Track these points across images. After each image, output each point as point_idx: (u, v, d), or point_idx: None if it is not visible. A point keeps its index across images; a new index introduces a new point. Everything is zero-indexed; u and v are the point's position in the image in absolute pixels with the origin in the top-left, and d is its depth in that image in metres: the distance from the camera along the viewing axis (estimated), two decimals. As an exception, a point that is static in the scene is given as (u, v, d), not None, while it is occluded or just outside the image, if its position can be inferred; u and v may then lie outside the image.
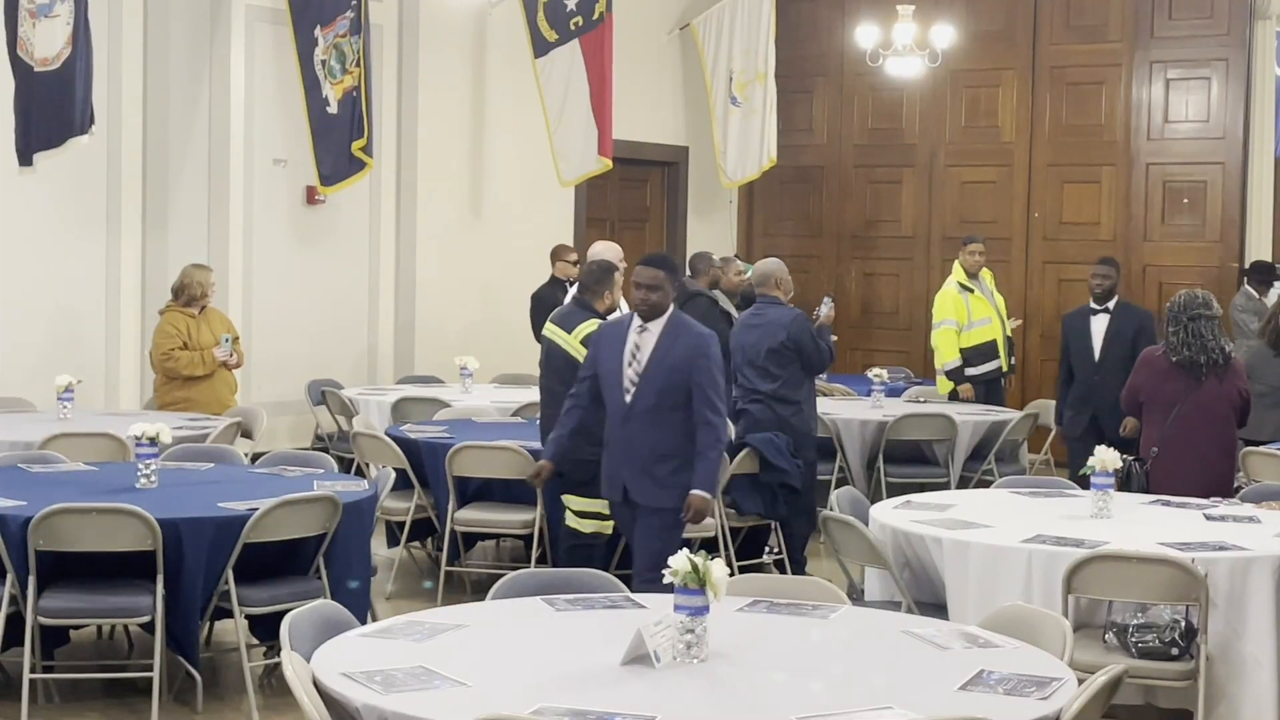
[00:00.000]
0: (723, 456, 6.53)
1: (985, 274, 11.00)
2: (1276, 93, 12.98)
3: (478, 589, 7.92)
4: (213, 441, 7.96)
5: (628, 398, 6.20)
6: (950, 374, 10.56)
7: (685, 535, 6.24)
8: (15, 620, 5.82)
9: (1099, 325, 9.31)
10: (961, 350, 10.54)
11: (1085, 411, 9.15)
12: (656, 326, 6.20)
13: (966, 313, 10.57)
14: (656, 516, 6.23)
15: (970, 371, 10.56)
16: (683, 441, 6.16)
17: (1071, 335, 9.39)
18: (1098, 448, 6.24)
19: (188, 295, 9.22)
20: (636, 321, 6.23)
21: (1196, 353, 7.06)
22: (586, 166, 11.84)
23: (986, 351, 10.60)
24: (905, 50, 12.14)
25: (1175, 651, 5.28)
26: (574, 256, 10.91)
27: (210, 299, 9.34)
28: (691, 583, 3.86)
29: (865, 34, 12.27)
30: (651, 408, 6.17)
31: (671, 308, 6.25)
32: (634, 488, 6.28)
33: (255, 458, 7.75)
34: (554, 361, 7.28)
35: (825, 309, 8.94)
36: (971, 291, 10.72)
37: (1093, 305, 9.42)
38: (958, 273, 10.83)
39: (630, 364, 6.21)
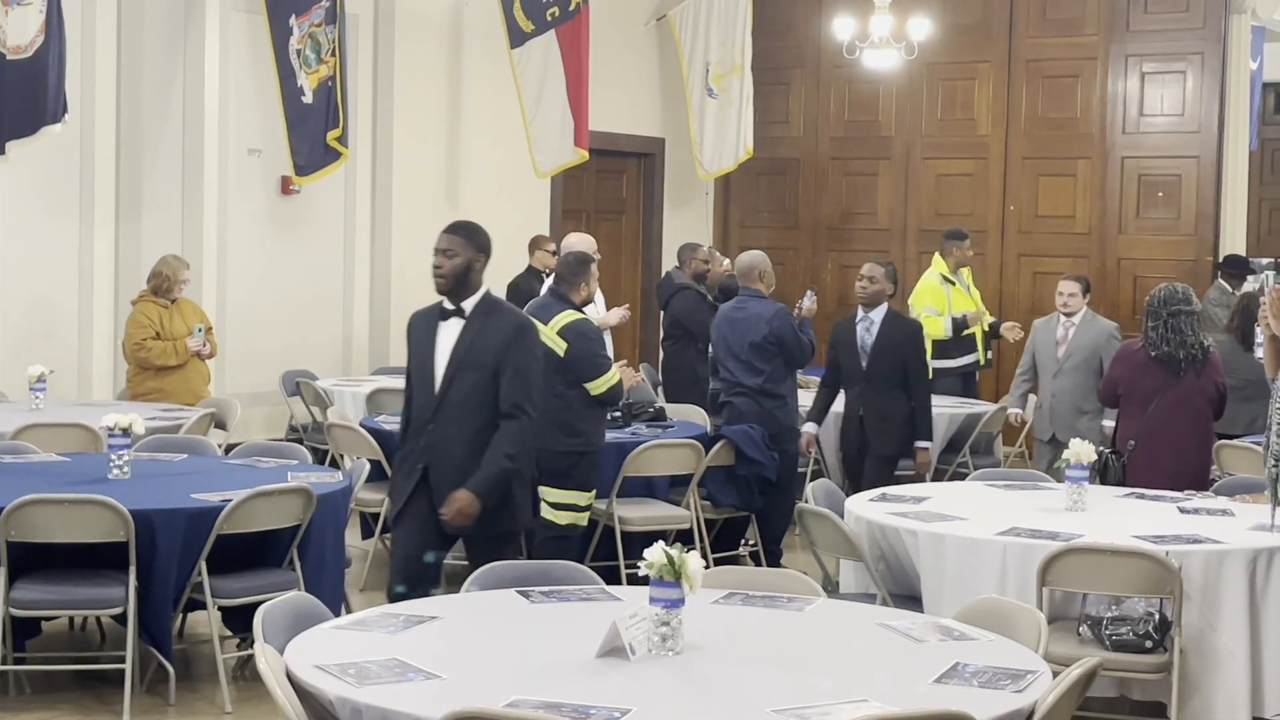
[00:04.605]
0: None
1: (963, 270, 11.04)
2: (1251, 87, 13.05)
3: (452, 581, 7.89)
4: (186, 432, 7.92)
5: None
6: (956, 323, 10.58)
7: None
8: (-14, 612, 5.79)
9: None
10: (942, 342, 10.57)
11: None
12: None
13: (947, 304, 10.61)
14: None
15: (949, 364, 10.58)
16: None
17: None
18: (1072, 440, 6.26)
19: (155, 284, 9.19)
20: None
21: (1175, 348, 7.09)
22: (563, 157, 11.83)
23: (966, 344, 10.65)
24: (882, 43, 12.13)
25: (1149, 644, 5.31)
26: (552, 246, 10.89)
27: (181, 290, 9.29)
28: (667, 575, 3.85)
29: (842, 26, 12.27)
30: None
31: None
32: None
33: (229, 449, 7.73)
34: (530, 353, 7.25)
35: (808, 302, 8.95)
36: (953, 284, 10.76)
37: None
38: (939, 265, 10.85)
39: None
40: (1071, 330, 9.09)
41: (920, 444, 8.11)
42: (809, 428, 8.43)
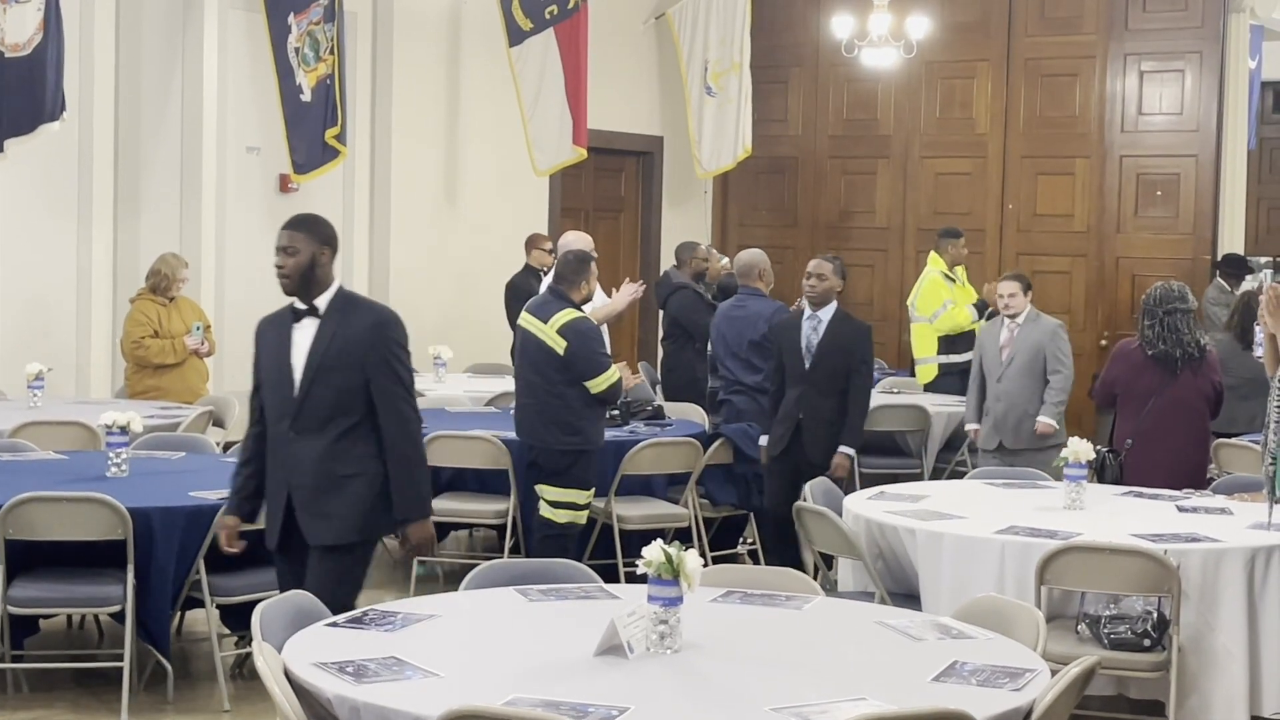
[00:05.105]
0: None
1: (958, 268, 11.05)
2: (1249, 86, 13.05)
3: (451, 579, 7.91)
4: (184, 430, 7.92)
5: None
6: (979, 307, 10.52)
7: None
8: (-16, 610, 5.79)
9: None
10: (948, 338, 10.58)
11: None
12: None
13: (953, 299, 10.63)
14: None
15: (955, 359, 10.59)
16: None
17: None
18: (1070, 439, 6.26)
19: (153, 282, 9.20)
20: None
21: (1172, 346, 7.08)
22: (561, 156, 11.83)
23: (969, 339, 10.66)
24: (880, 41, 12.14)
25: (1147, 643, 5.31)
26: (549, 245, 10.90)
27: (180, 288, 9.28)
28: (665, 573, 3.85)
29: (840, 24, 12.27)
30: None
31: None
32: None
33: (227, 447, 7.71)
34: (529, 351, 7.27)
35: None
36: (954, 281, 10.77)
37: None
38: (938, 263, 10.85)
39: None
40: (1015, 331, 8.39)
41: (843, 448, 7.43)
42: (765, 442, 7.78)
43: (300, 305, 5.17)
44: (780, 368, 7.69)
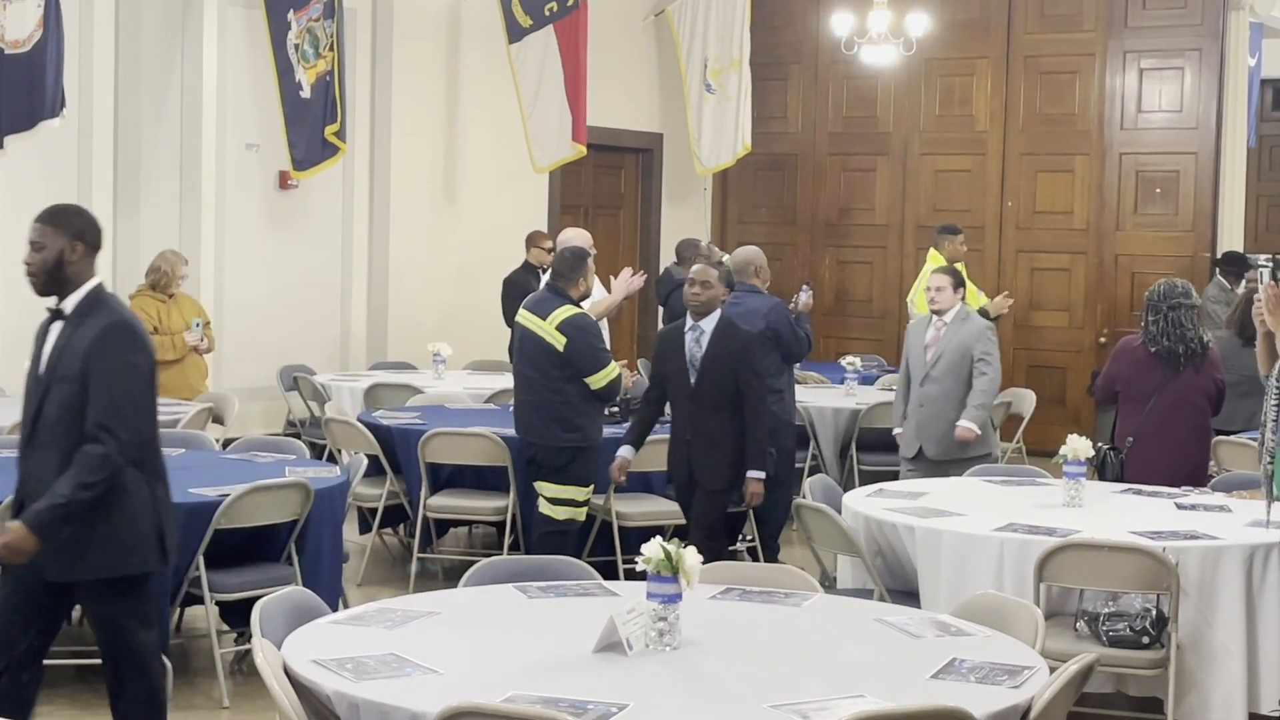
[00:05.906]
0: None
1: (957, 265, 11.05)
2: (1249, 83, 13.05)
3: (450, 576, 7.91)
4: (184, 427, 7.92)
5: None
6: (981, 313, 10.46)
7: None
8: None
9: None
10: None
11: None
12: None
13: None
14: None
15: None
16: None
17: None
18: (1069, 436, 6.26)
19: (153, 279, 9.20)
20: None
21: (1176, 343, 7.07)
22: (561, 153, 11.84)
23: None
24: (880, 38, 12.13)
25: (1146, 640, 5.31)
26: (549, 243, 10.89)
27: (179, 285, 9.29)
28: (664, 570, 3.86)
29: (840, 22, 12.27)
30: None
31: None
32: None
33: (226, 443, 7.71)
34: (528, 348, 7.27)
35: (804, 296, 8.94)
36: (953, 278, 10.75)
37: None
38: (937, 260, 10.83)
39: None
40: (942, 331, 7.84)
41: (752, 473, 6.83)
42: (625, 452, 7.12)
43: (54, 306, 4.66)
44: (662, 383, 7.06)
